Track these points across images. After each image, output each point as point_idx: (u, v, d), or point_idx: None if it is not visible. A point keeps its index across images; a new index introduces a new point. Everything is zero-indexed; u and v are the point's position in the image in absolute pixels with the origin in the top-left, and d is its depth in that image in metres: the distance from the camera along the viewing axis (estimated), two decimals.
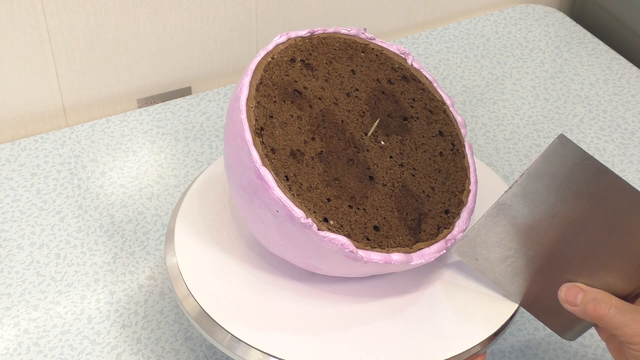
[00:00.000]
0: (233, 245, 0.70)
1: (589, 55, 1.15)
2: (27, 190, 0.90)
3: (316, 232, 0.60)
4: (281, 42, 0.68)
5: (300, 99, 0.66)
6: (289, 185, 0.61)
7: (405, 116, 0.70)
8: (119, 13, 0.97)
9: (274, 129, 0.63)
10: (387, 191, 0.65)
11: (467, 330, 0.64)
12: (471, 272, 0.68)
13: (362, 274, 0.65)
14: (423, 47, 1.15)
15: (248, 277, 0.67)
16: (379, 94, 0.70)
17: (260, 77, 0.65)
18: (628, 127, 1.02)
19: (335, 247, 0.60)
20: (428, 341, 0.63)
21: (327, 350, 0.62)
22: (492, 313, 0.66)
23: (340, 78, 0.69)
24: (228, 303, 0.65)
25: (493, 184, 0.77)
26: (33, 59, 0.95)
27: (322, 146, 0.65)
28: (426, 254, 0.64)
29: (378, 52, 0.72)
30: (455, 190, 0.68)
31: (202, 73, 1.07)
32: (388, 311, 0.66)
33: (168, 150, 0.96)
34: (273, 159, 0.61)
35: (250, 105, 0.63)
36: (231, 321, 0.63)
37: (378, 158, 0.66)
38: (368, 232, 0.62)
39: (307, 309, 0.65)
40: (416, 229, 0.65)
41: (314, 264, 0.64)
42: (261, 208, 0.61)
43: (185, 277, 0.66)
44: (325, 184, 0.63)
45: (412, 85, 0.72)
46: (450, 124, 0.71)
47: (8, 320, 0.77)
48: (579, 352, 0.75)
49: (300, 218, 0.60)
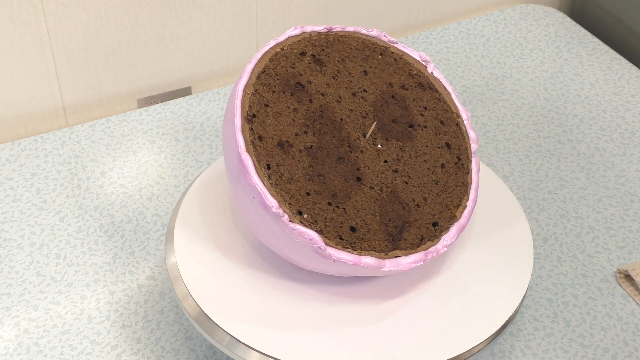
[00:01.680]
0: (233, 246, 0.70)
1: (589, 55, 1.15)
2: (27, 190, 0.90)
3: (287, 223, 0.60)
4: (294, 35, 0.68)
5: (301, 92, 0.66)
6: (269, 174, 0.61)
7: (412, 123, 0.69)
8: (119, 13, 0.97)
9: (267, 117, 0.63)
10: (374, 194, 0.65)
11: (467, 331, 0.64)
12: (471, 273, 0.68)
13: (337, 273, 0.64)
14: (423, 47, 1.15)
15: (248, 278, 0.67)
16: (388, 98, 0.69)
17: (265, 66, 0.65)
18: (628, 127, 1.02)
19: (304, 241, 0.60)
20: (428, 341, 0.63)
21: (327, 350, 0.62)
22: (492, 313, 0.66)
23: (349, 77, 0.69)
24: (228, 303, 0.65)
25: (493, 184, 0.77)
26: (33, 59, 0.95)
27: (314, 141, 0.64)
28: (401, 262, 0.63)
29: (397, 56, 0.72)
30: (450, 204, 0.67)
31: (202, 73, 1.07)
32: (388, 311, 0.66)
33: (168, 150, 0.96)
34: (258, 147, 0.62)
35: (247, 92, 0.63)
36: (231, 321, 0.63)
37: (371, 160, 0.66)
38: (343, 231, 0.62)
39: (306, 309, 0.65)
40: (396, 236, 0.64)
41: (290, 256, 0.64)
42: (242, 193, 0.62)
43: (185, 277, 0.66)
44: (307, 178, 0.63)
45: (427, 93, 0.71)
46: (460, 138, 0.70)
47: (8, 320, 0.77)
48: (578, 352, 0.75)
49: (272, 207, 0.60)
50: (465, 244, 0.71)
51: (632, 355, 0.76)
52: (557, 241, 0.86)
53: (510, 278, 0.69)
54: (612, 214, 0.90)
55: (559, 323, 0.78)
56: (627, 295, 0.81)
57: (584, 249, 0.86)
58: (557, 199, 0.91)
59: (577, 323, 0.78)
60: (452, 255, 0.70)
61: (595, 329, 0.78)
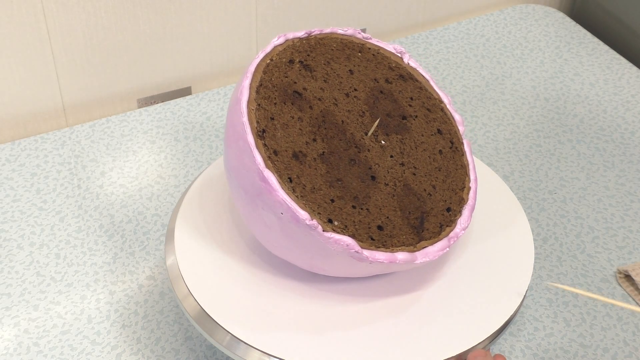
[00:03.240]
0: (233, 245, 0.70)
1: (589, 55, 1.15)
2: (27, 190, 0.90)
3: (321, 233, 0.60)
4: (279, 44, 0.68)
5: (300, 100, 0.66)
6: (293, 187, 0.61)
7: (404, 115, 0.70)
8: (119, 13, 0.97)
9: (276, 131, 0.63)
10: (390, 190, 0.65)
11: (467, 330, 0.64)
12: (472, 273, 0.68)
13: (366, 273, 0.65)
14: (423, 47, 1.15)
15: (248, 277, 0.67)
16: (377, 94, 0.70)
17: (260, 79, 0.65)
18: (628, 127, 1.02)
19: (341, 248, 0.60)
20: (428, 341, 0.63)
21: (328, 350, 0.62)
22: (492, 313, 0.66)
23: (338, 78, 0.69)
24: (228, 303, 0.65)
25: (493, 184, 0.77)
26: (33, 59, 0.95)
27: (324, 147, 0.65)
28: (430, 252, 0.64)
29: (375, 51, 0.72)
30: (456, 187, 0.68)
31: (202, 73, 1.07)
32: (388, 311, 0.66)
33: (168, 150, 0.96)
34: (276, 161, 0.61)
35: (251, 108, 0.63)
36: (231, 321, 0.63)
37: (379, 158, 0.66)
38: (372, 232, 0.62)
39: (307, 309, 0.65)
40: (419, 228, 0.65)
41: (318, 265, 0.64)
42: (264, 210, 0.61)
43: (185, 277, 0.66)
44: (328, 184, 0.63)
45: (409, 84, 0.72)
46: (448, 122, 0.71)
47: (8, 320, 0.77)
48: (578, 353, 0.75)
49: (305, 220, 0.59)
50: (466, 243, 0.71)
51: (632, 355, 0.76)
52: (557, 241, 0.86)
53: (510, 278, 0.69)
54: (612, 214, 0.90)
55: (559, 323, 0.78)
56: (627, 295, 0.81)
57: (584, 249, 0.86)
58: (557, 199, 0.91)
59: (577, 323, 0.78)
60: (453, 256, 0.70)
61: (595, 329, 0.78)
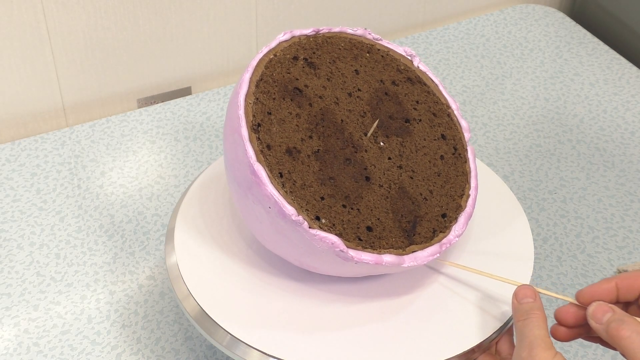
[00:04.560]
0: (233, 245, 0.70)
1: (589, 55, 1.15)
2: (27, 190, 0.90)
3: (307, 230, 0.60)
4: (284, 40, 0.68)
5: (300, 97, 0.66)
6: (283, 182, 0.61)
7: (407, 118, 0.70)
8: (119, 13, 0.97)
9: (272, 125, 0.63)
10: (383, 192, 0.65)
11: (465, 331, 0.64)
12: (469, 273, 0.68)
13: (355, 274, 0.64)
14: (423, 47, 1.15)
15: (248, 277, 0.67)
16: (381, 95, 0.70)
17: (261, 73, 0.65)
18: (628, 127, 1.02)
19: (326, 246, 0.60)
20: (427, 341, 0.63)
21: (327, 350, 0.62)
22: (491, 314, 0.66)
23: (342, 78, 0.69)
24: (228, 303, 0.65)
25: (493, 184, 0.77)
26: (33, 59, 0.95)
27: (320, 145, 0.64)
28: (419, 256, 0.63)
29: (384, 53, 0.72)
30: (455, 194, 0.68)
31: (202, 73, 1.07)
32: (388, 311, 0.66)
33: (168, 150, 0.96)
34: (268, 155, 0.61)
35: (248, 101, 0.63)
36: (231, 321, 0.63)
37: (376, 159, 0.66)
38: (360, 232, 0.62)
39: (307, 309, 0.65)
40: (410, 232, 0.64)
41: (307, 262, 0.64)
42: (255, 204, 0.62)
43: (185, 277, 0.66)
44: (319, 182, 0.63)
45: (416, 87, 0.71)
46: (453, 128, 0.71)
47: (8, 320, 0.77)
48: (578, 353, 0.75)
49: (292, 215, 0.60)
50: (466, 243, 0.71)
51: None
52: (557, 241, 0.86)
53: (509, 278, 0.69)
54: (612, 214, 0.90)
55: None
56: None
57: (584, 249, 0.86)
58: (557, 199, 0.91)
59: None
60: (453, 256, 0.70)
61: None
